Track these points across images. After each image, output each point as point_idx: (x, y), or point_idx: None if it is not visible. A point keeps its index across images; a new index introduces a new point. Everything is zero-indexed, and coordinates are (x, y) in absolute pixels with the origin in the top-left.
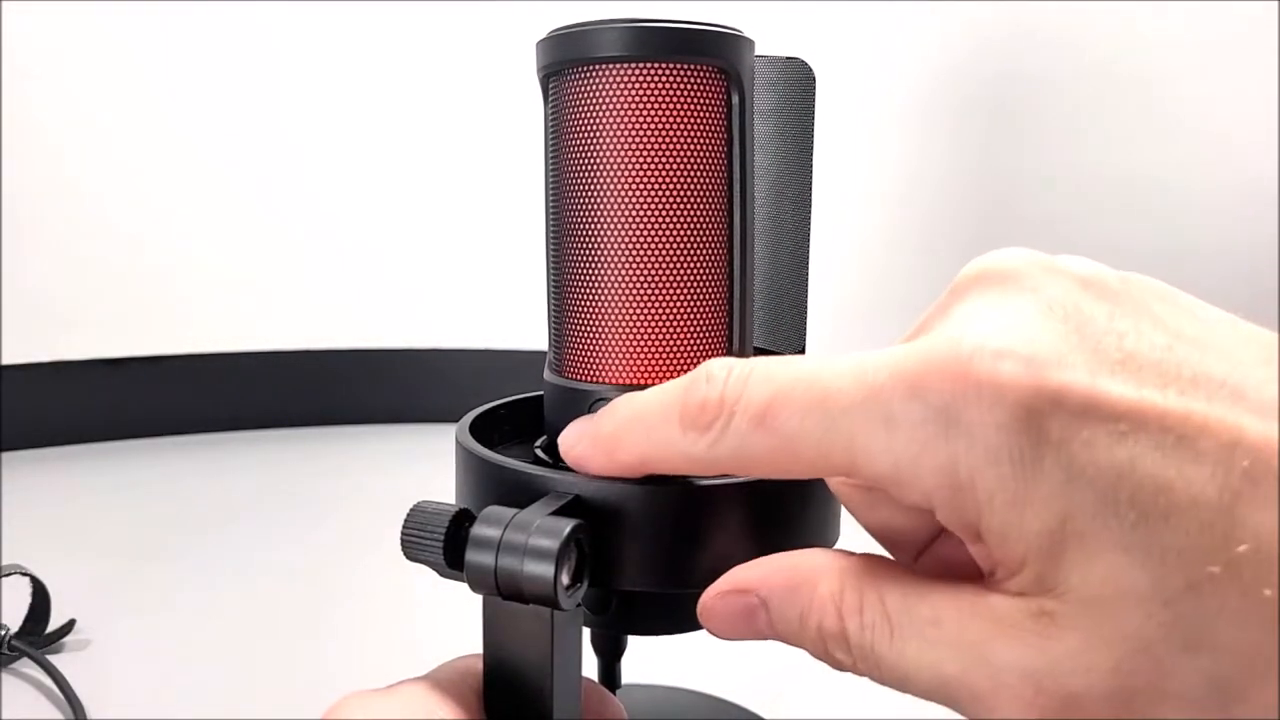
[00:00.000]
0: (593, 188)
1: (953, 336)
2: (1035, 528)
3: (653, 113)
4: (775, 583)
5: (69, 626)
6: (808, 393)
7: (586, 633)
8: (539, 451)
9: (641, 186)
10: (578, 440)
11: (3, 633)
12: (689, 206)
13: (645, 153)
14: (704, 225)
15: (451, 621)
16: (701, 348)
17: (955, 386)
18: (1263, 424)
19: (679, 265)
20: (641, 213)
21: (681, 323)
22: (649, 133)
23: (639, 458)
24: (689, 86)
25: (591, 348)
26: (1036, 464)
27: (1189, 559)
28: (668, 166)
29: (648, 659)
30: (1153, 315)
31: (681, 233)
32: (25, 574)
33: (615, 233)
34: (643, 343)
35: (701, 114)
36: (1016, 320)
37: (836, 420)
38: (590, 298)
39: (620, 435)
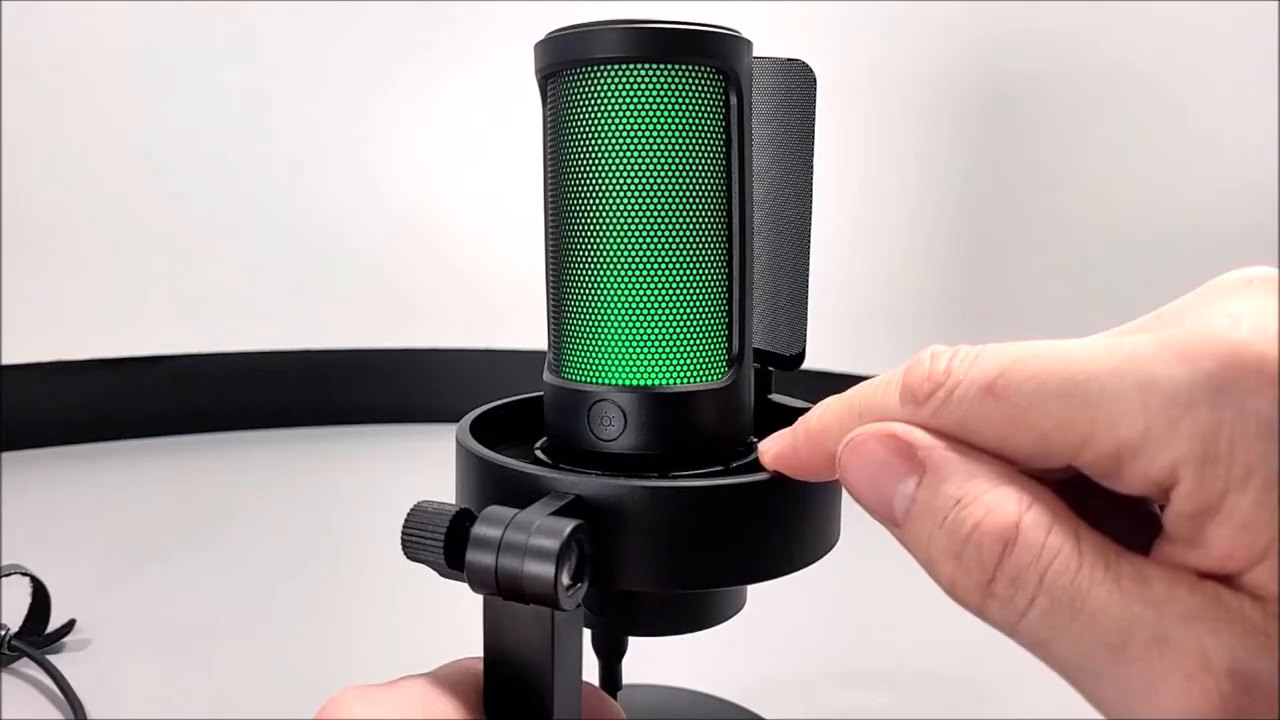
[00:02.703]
0: (591, 188)
1: (1223, 321)
2: None
3: (651, 113)
4: (951, 456)
5: (69, 626)
6: (1049, 361)
7: (587, 633)
8: (539, 452)
9: (640, 187)
10: (779, 439)
11: (3, 633)
12: (688, 207)
13: (643, 153)
14: (703, 226)
15: (451, 621)
16: (701, 348)
17: (1231, 359)
18: None
19: (678, 266)
20: (640, 213)
21: (681, 323)
22: (647, 133)
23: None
24: (687, 87)
25: (591, 348)
26: None
27: None
28: (666, 167)
29: (648, 659)
30: None
31: (680, 233)
32: (25, 574)
33: (614, 233)
34: (642, 343)
35: (700, 114)
36: None
37: (1082, 385)
38: (589, 298)
39: (829, 424)
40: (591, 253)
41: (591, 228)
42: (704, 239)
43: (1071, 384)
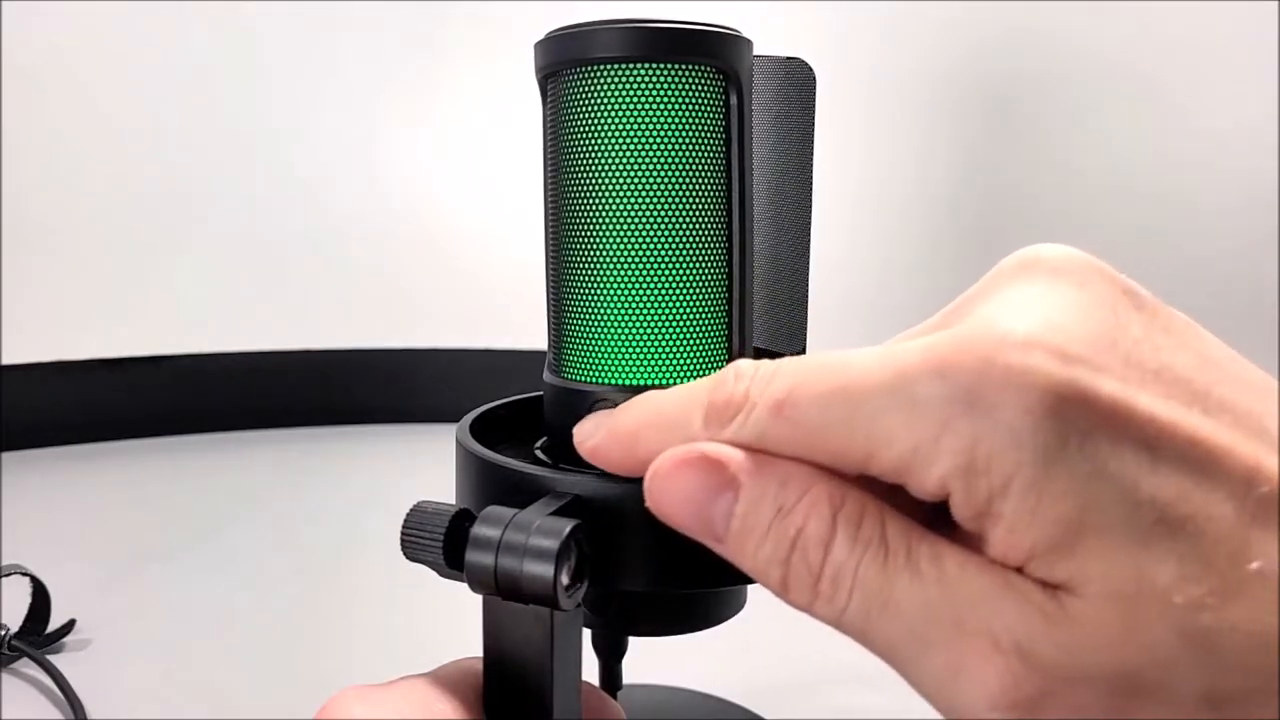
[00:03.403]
0: (591, 188)
1: (987, 321)
2: (1051, 516)
3: (651, 113)
4: (761, 468)
5: (69, 626)
6: (829, 379)
7: (586, 633)
8: (539, 452)
9: (640, 187)
10: (593, 433)
11: (3, 633)
12: (688, 207)
13: (643, 153)
14: (703, 225)
15: (451, 622)
16: (701, 348)
17: (982, 369)
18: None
19: (678, 266)
20: (640, 213)
21: (681, 323)
22: (647, 133)
23: (658, 455)
24: (687, 87)
25: (591, 348)
26: (1059, 452)
27: (1204, 568)
28: (666, 167)
29: (648, 659)
30: (1182, 335)
31: (680, 233)
32: (25, 574)
33: (614, 233)
34: (642, 343)
35: (700, 114)
36: (1057, 313)
37: (858, 405)
38: (589, 299)
39: (640, 432)
40: (591, 252)
41: (591, 227)
42: (704, 239)
43: (849, 404)
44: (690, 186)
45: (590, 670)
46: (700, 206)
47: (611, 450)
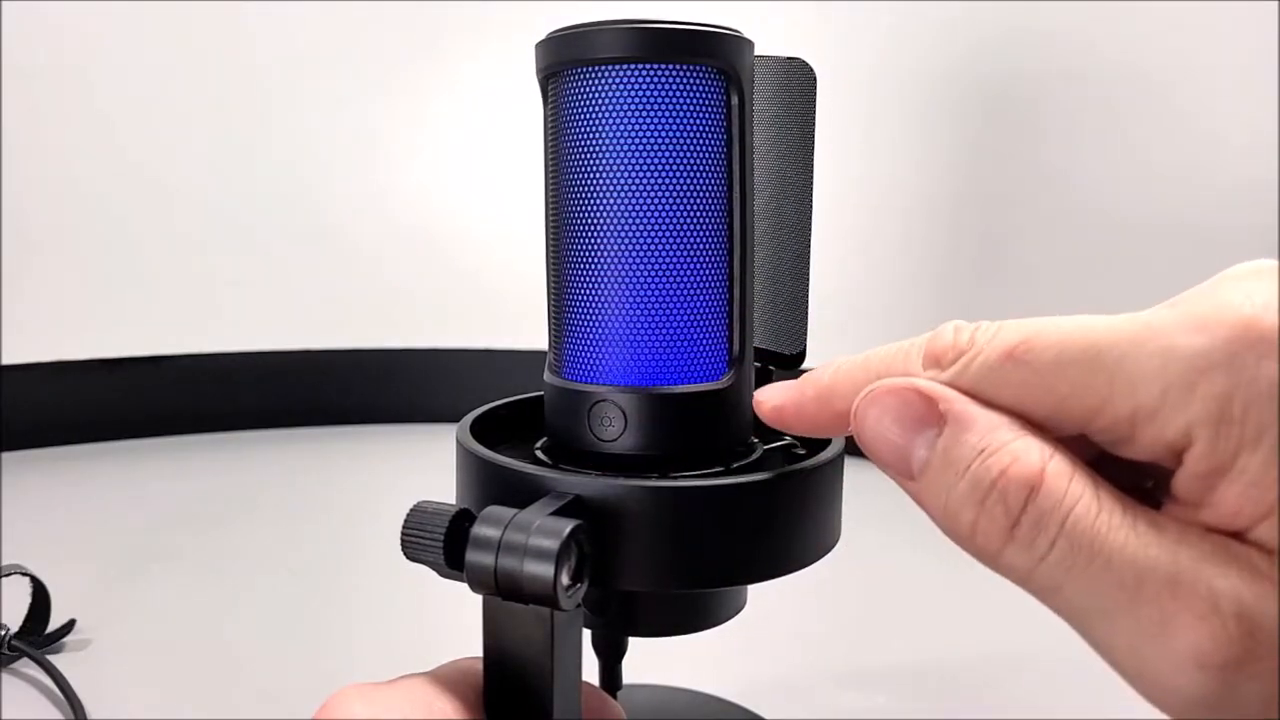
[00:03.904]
0: (592, 189)
1: (1241, 295)
2: None
3: (652, 114)
4: (972, 409)
5: (69, 626)
6: (1071, 330)
7: (587, 634)
8: (539, 452)
9: (641, 187)
10: (784, 390)
11: (3, 633)
12: (688, 207)
13: (644, 154)
14: (704, 225)
15: (451, 621)
16: (701, 348)
17: (1245, 329)
18: None
19: (679, 266)
20: (641, 213)
21: (681, 323)
22: (648, 134)
23: None
24: (688, 87)
25: (591, 349)
26: None
27: None
28: (667, 167)
29: (648, 659)
30: None
31: (681, 233)
32: (25, 574)
33: (615, 233)
34: (642, 344)
35: (700, 115)
36: None
37: (1103, 351)
38: (590, 299)
39: (842, 383)
40: (592, 253)
41: (592, 228)
42: (705, 239)
43: (1093, 350)
44: (691, 187)
45: (590, 670)
46: (701, 207)
47: (805, 402)
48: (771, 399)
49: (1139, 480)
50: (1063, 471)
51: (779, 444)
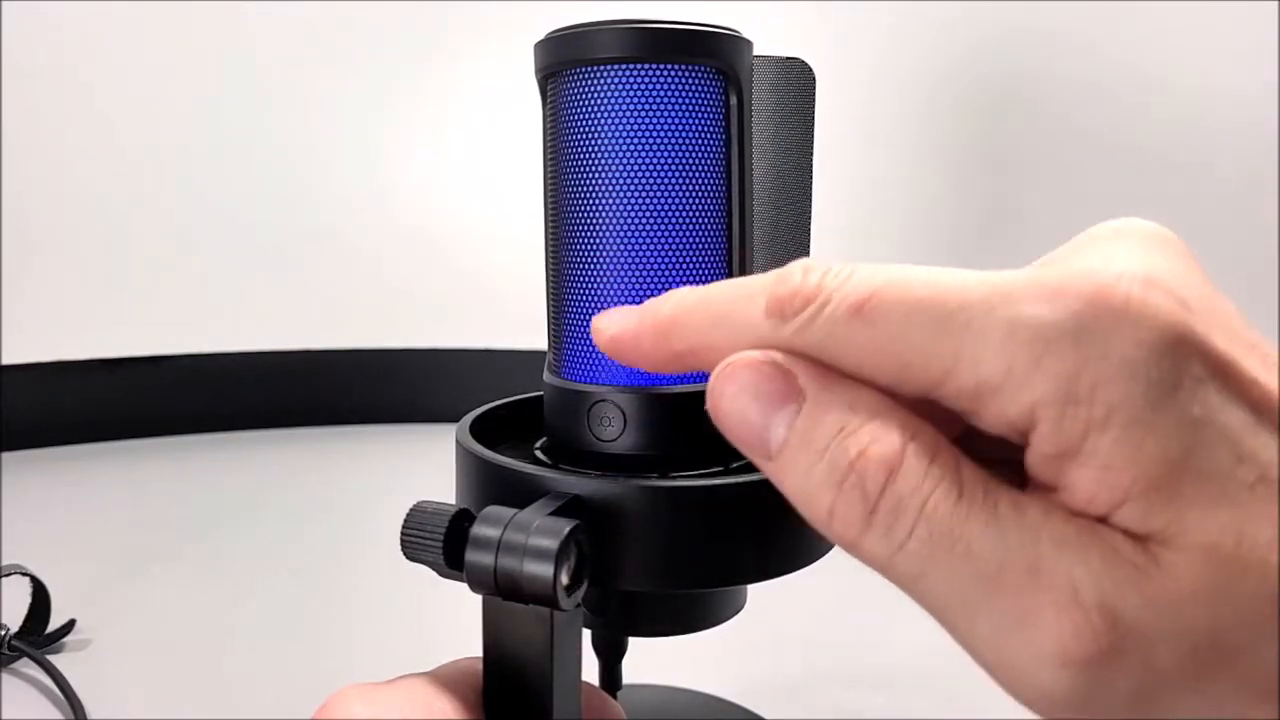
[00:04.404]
0: (591, 189)
1: (1096, 263)
2: (1155, 453)
3: (651, 114)
4: (831, 383)
5: (69, 626)
6: (922, 288)
7: (586, 634)
8: (539, 452)
9: (640, 187)
10: (622, 319)
11: (3, 633)
12: (688, 207)
13: (644, 154)
14: (703, 225)
15: (451, 622)
16: None
17: (1098, 300)
18: None
19: (678, 265)
20: (640, 213)
21: None
22: (647, 134)
23: (702, 346)
24: (687, 87)
25: (591, 349)
26: (1173, 390)
27: None
28: (666, 168)
29: (648, 659)
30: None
31: (680, 233)
32: (25, 574)
33: (614, 233)
34: None
35: (699, 115)
36: (1167, 267)
37: (951, 317)
38: (589, 299)
39: (681, 319)
40: (591, 252)
41: (591, 227)
42: (704, 239)
43: (941, 313)
44: (690, 187)
45: (590, 670)
46: (700, 207)
47: (642, 338)
48: (609, 327)
49: (1011, 452)
50: (923, 452)
51: None
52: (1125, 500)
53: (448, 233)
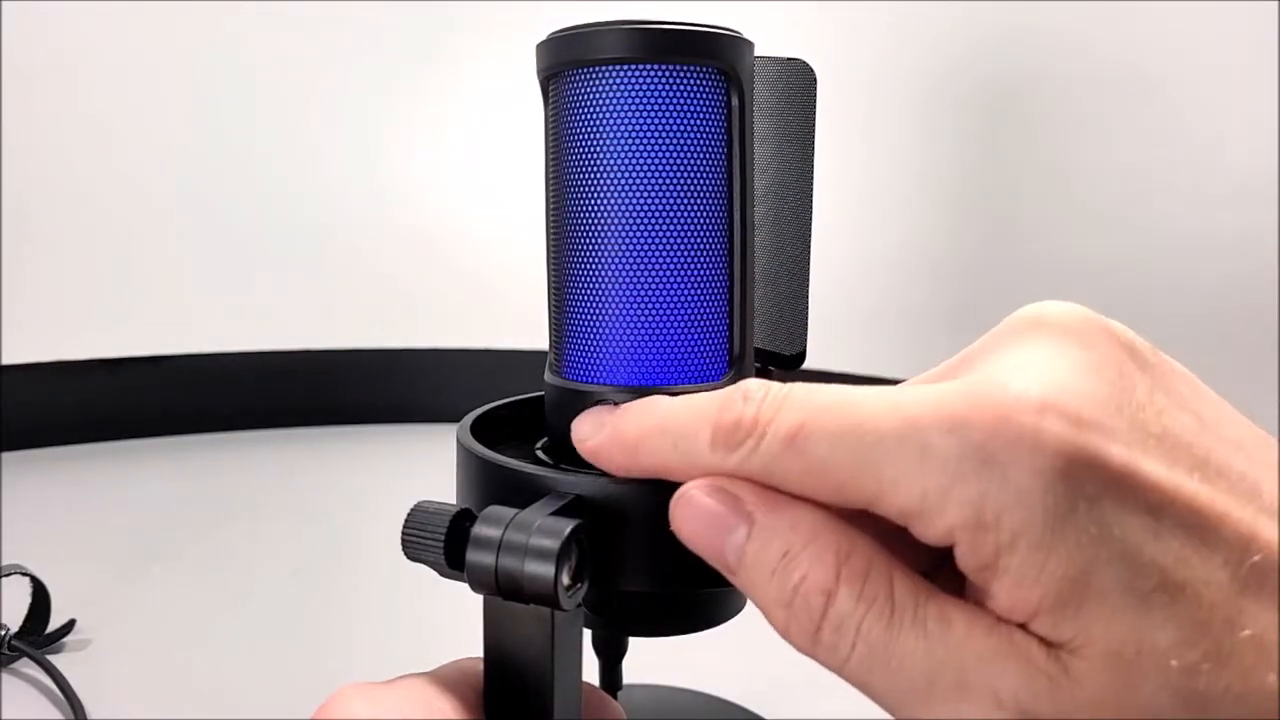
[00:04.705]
0: (593, 189)
1: (999, 380)
2: (1057, 573)
3: (652, 114)
4: (773, 508)
5: (69, 626)
6: (841, 418)
7: (587, 634)
8: (539, 452)
9: (641, 188)
10: (594, 434)
11: (3, 633)
12: (689, 208)
13: (645, 154)
14: (704, 226)
15: (452, 622)
16: (702, 348)
17: (996, 427)
18: (1272, 526)
19: (679, 266)
20: (641, 214)
21: (681, 323)
22: (649, 134)
23: (661, 465)
24: (688, 88)
25: (591, 349)
26: (1069, 514)
27: (1200, 633)
28: (668, 168)
29: (648, 659)
30: (1180, 395)
31: (682, 234)
32: (25, 574)
33: (615, 234)
34: (643, 344)
35: (701, 115)
36: (1067, 375)
37: (870, 448)
38: (590, 299)
39: (644, 441)
40: (593, 253)
41: (593, 228)
42: (705, 239)
43: (860, 444)
44: (692, 187)
45: (590, 670)
46: (701, 207)
47: (614, 454)
48: (586, 438)
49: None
50: (857, 574)
51: None
52: (1037, 613)
53: (448, 233)
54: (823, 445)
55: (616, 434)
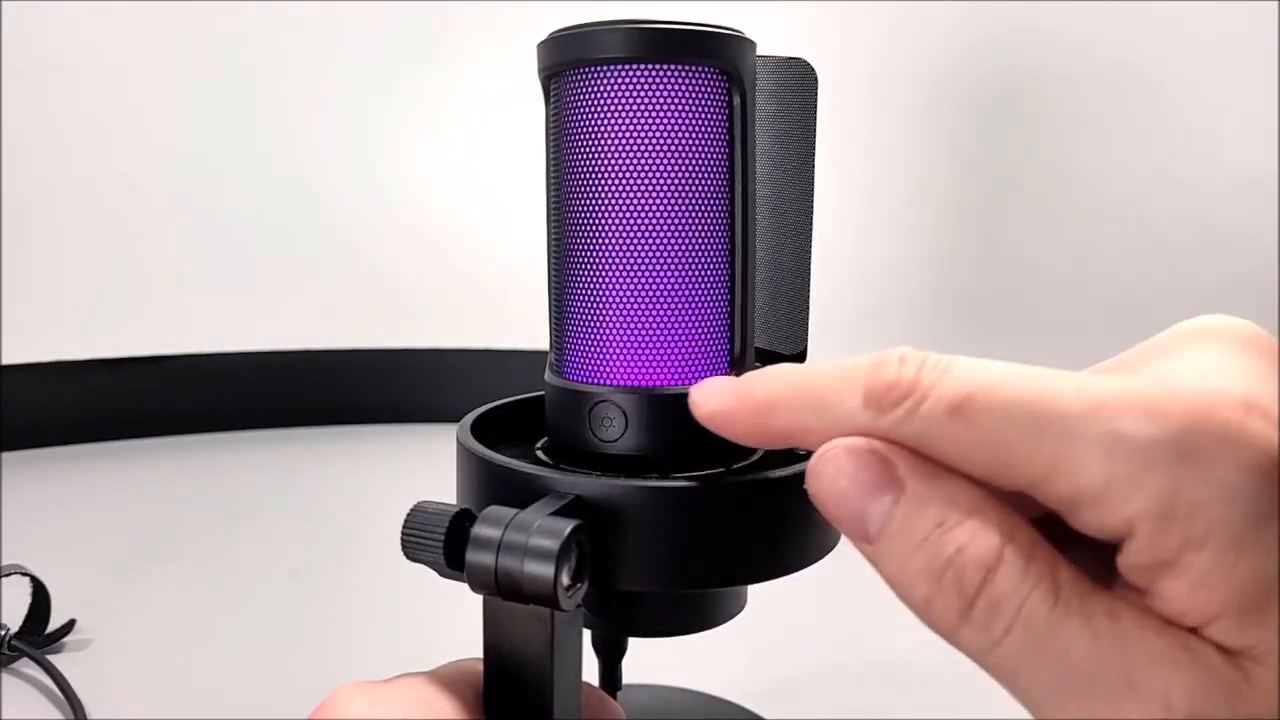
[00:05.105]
0: (594, 189)
1: (1192, 376)
2: (1250, 576)
3: (654, 114)
4: (934, 478)
5: (69, 626)
6: (1016, 392)
7: (587, 634)
8: (540, 452)
9: (643, 187)
10: (719, 395)
11: (3, 633)
12: (690, 207)
13: (647, 154)
14: (705, 226)
15: (452, 622)
16: (703, 348)
17: (1198, 419)
18: None
19: (680, 266)
20: (643, 214)
21: (682, 323)
22: (650, 134)
23: (799, 427)
24: (690, 88)
25: (592, 349)
26: (1267, 516)
27: None
28: (669, 167)
29: (648, 659)
30: None
31: (683, 233)
32: (25, 574)
33: (616, 233)
34: (644, 343)
35: (703, 115)
36: (1258, 381)
37: (1048, 424)
38: (591, 299)
39: (780, 403)
40: (593, 253)
41: (593, 228)
42: (706, 239)
43: (1038, 420)
44: (693, 187)
45: (590, 670)
46: (702, 207)
47: (740, 417)
48: (707, 402)
49: (1100, 548)
50: (1021, 554)
51: None
52: (1219, 617)
53: (448, 233)
54: (993, 417)
55: (745, 396)
